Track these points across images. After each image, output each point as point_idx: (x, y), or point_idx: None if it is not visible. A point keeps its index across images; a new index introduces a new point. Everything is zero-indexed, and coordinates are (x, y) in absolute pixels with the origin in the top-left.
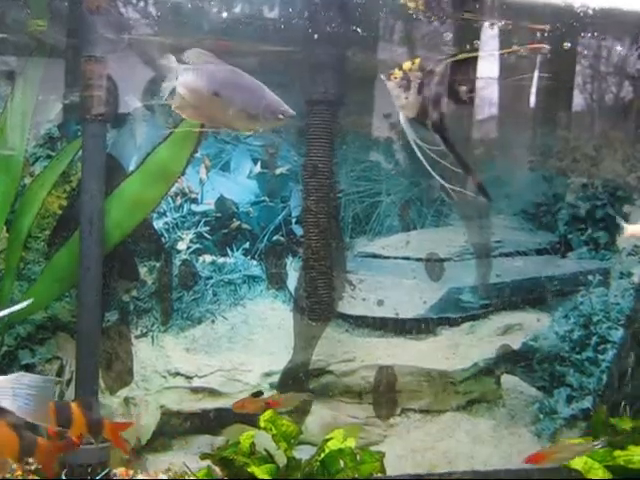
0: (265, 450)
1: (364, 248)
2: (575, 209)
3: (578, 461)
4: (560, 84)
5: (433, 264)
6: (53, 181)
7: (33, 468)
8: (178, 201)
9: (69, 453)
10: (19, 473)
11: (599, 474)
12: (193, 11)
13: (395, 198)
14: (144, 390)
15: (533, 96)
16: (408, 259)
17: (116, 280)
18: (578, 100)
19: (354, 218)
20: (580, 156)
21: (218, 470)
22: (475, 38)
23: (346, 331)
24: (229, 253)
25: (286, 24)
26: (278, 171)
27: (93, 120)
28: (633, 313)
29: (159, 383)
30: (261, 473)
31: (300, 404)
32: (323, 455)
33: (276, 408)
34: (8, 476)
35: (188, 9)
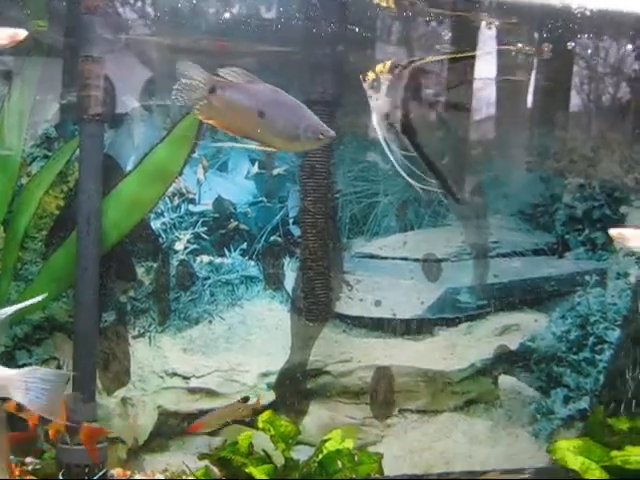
0: (263, 450)
1: (361, 248)
2: (572, 210)
3: (575, 461)
4: (557, 85)
5: (430, 264)
6: (50, 181)
7: (30, 469)
8: (176, 201)
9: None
10: (17, 473)
11: (596, 474)
12: (191, 11)
13: (392, 199)
14: (141, 390)
15: (530, 97)
16: (405, 259)
17: (113, 280)
18: (575, 101)
19: (351, 218)
20: (577, 157)
21: (216, 470)
22: (471, 38)
23: (343, 332)
24: (226, 253)
25: (284, 24)
26: (276, 172)
27: (90, 120)
28: (630, 313)
29: (156, 383)
30: (259, 473)
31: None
32: (321, 456)
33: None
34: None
35: (186, 9)
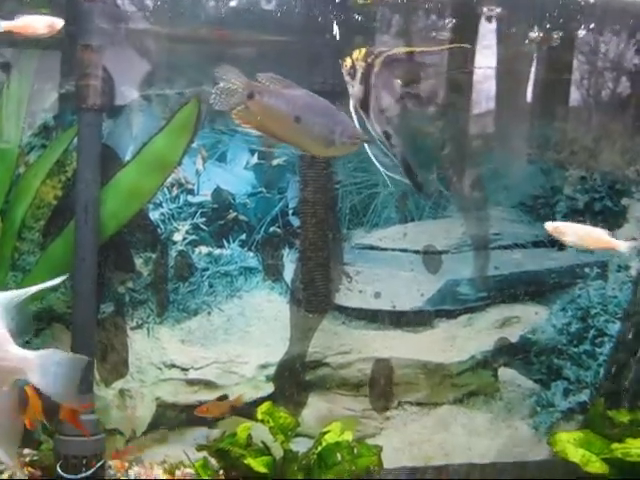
0: (262, 442)
1: (361, 240)
2: (573, 202)
3: (576, 453)
4: (558, 76)
5: (431, 256)
6: (47, 170)
7: (28, 460)
8: (174, 192)
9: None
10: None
11: (597, 467)
12: (190, 1)
13: (393, 190)
14: (139, 382)
15: (531, 88)
16: (405, 251)
17: (111, 271)
18: (576, 92)
19: (351, 209)
20: (578, 148)
21: (214, 461)
22: (472, 29)
23: (343, 323)
24: (225, 244)
25: (284, 13)
26: (275, 162)
27: (89, 109)
28: (631, 306)
29: (154, 375)
30: (257, 465)
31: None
32: (320, 448)
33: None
34: (6, 476)
35: None
